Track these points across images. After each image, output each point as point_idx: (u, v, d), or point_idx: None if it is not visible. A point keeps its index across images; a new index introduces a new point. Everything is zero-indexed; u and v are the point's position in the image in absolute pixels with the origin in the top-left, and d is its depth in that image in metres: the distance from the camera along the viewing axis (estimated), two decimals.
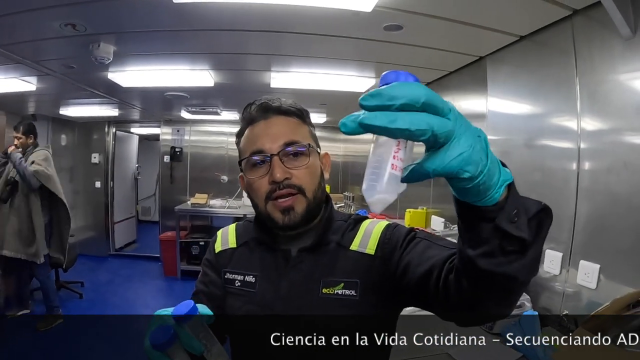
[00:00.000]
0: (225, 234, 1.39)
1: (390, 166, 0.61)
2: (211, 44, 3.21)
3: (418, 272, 1.04)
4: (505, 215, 0.70)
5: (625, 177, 2.14)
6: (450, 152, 0.60)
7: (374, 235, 1.22)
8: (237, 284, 1.27)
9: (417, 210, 4.14)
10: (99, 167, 8.00)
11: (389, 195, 0.61)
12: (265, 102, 1.24)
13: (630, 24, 2.04)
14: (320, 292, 1.18)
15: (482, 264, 0.74)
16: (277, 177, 1.16)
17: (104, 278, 6.86)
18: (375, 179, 0.61)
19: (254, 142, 1.21)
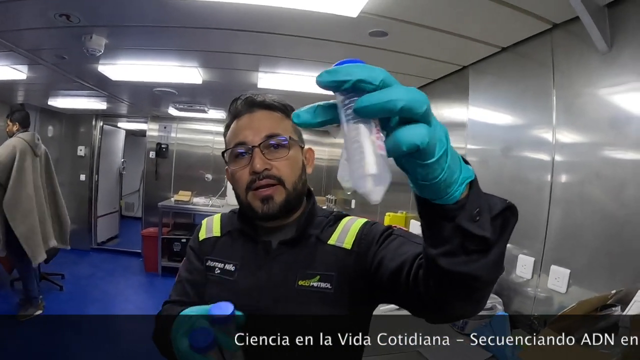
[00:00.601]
0: (210, 222, 1.44)
1: (377, 148, 0.57)
2: (201, 42, 3.24)
3: (390, 267, 1.07)
4: (466, 214, 0.68)
5: (597, 187, 2.20)
6: (437, 128, 0.59)
7: (352, 231, 1.26)
8: (217, 271, 1.32)
9: (397, 214, 4.19)
10: (85, 160, 7.98)
11: (385, 176, 0.56)
12: (250, 97, 1.30)
13: (606, 39, 2.12)
14: (297, 283, 1.22)
15: (443, 263, 0.73)
16: (256, 168, 1.21)
17: (85, 271, 6.85)
18: (365, 165, 0.56)
19: (238, 134, 1.28)
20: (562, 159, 2.43)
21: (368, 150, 0.56)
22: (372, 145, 0.56)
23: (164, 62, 3.80)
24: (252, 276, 1.26)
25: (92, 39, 3.18)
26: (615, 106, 2.15)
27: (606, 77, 2.18)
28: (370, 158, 0.56)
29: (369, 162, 0.56)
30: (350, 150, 0.57)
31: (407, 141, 0.56)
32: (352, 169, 0.57)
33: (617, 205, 2.13)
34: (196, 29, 2.95)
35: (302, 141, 1.35)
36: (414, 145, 0.56)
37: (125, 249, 8.21)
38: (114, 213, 8.93)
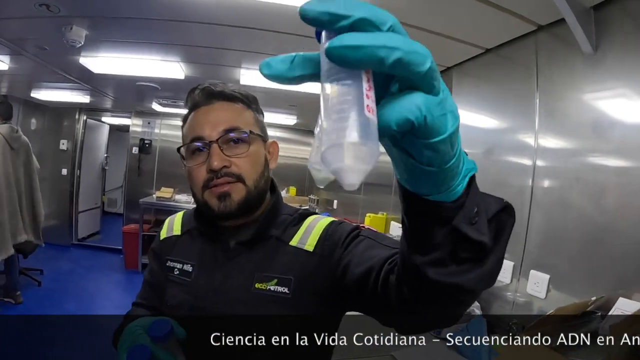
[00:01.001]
0: (172, 221, 1.37)
1: (365, 108, 0.42)
2: (183, 36, 3.20)
3: (356, 273, 0.98)
4: (465, 215, 0.56)
5: (578, 192, 2.19)
6: (448, 99, 0.46)
7: (315, 232, 1.17)
8: (176, 272, 1.25)
9: (377, 216, 4.16)
10: (67, 154, 7.85)
11: (372, 150, 0.42)
12: (208, 87, 1.20)
13: (591, 41, 2.11)
14: (253, 286, 1.14)
15: (431, 274, 0.60)
16: (214, 166, 1.11)
17: (65, 267, 6.75)
18: (345, 130, 0.42)
19: (194, 128, 1.17)
20: (544, 163, 2.43)
21: (353, 111, 0.42)
22: (357, 105, 0.42)
23: (146, 55, 3.76)
24: (209, 278, 1.19)
25: (72, 29, 3.15)
26: (598, 111, 2.14)
27: (590, 81, 2.18)
28: (354, 121, 0.42)
29: (351, 126, 0.42)
30: (328, 117, 0.43)
31: (395, 116, 0.43)
32: (326, 139, 0.42)
33: (598, 211, 2.12)
34: (179, 22, 2.92)
35: (266, 134, 1.26)
36: (405, 120, 0.43)
37: (106, 245, 8.09)
38: (96, 209, 8.83)
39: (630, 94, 2.03)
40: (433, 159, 0.48)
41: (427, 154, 0.47)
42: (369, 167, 0.42)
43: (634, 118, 2.01)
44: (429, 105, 0.44)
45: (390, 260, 0.87)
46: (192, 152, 1.17)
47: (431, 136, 0.45)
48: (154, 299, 1.31)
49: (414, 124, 0.43)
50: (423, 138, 0.46)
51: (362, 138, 0.42)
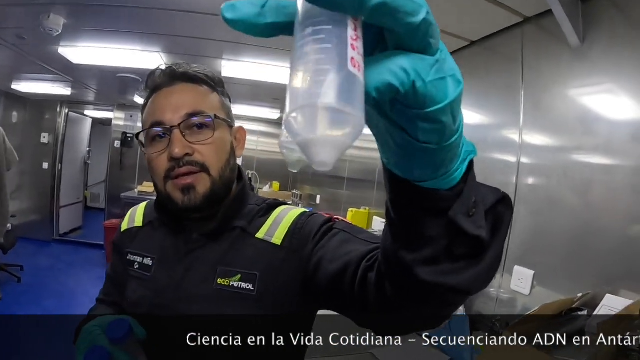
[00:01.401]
0: (134, 212, 1.28)
1: (348, 61, 0.34)
2: (163, 25, 3.14)
3: (330, 270, 0.90)
4: (462, 205, 0.49)
5: (563, 188, 2.17)
6: (447, 61, 0.39)
7: (284, 223, 1.08)
8: (136, 266, 1.16)
9: (360, 210, 4.11)
10: (48, 147, 7.71)
11: (352, 114, 0.33)
12: (170, 67, 1.10)
13: (579, 33, 2.07)
14: (215, 282, 1.06)
15: (422, 274, 0.54)
16: (175, 153, 1.02)
17: (45, 263, 6.64)
18: (316, 89, 0.33)
19: (154, 112, 1.07)
20: (529, 160, 2.40)
21: (332, 64, 0.33)
22: (339, 57, 0.34)
23: (126, 45, 3.70)
24: (169, 272, 1.10)
25: (49, 17, 3.09)
26: (584, 105, 2.13)
27: (576, 75, 2.16)
28: (334, 77, 0.33)
29: (329, 84, 0.33)
30: (298, 72, 0.34)
31: (375, 79, 0.36)
32: (294, 101, 0.34)
33: (583, 207, 2.10)
34: (159, 10, 2.86)
35: (232, 119, 1.15)
36: (386, 85, 0.36)
37: (88, 240, 7.98)
38: (78, 204, 8.70)
39: (616, 88, 2.01)
40: (431, 132, 0.41)
41: (424, 127, 0.40)
42: (348, 141, 0.34)
43: (620, 112, 1.99)
44: (419, 67, 0.37)
45: (369, 256, 0.80)
46: (152, 138, 1.07)
47: (425, 105, 0.38)
48: (116, 294, 1.23)
49: (399, 91, 0.36)
50: (416, 107, 0.39)
51: (343, 99, 0.33)
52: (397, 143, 0.42)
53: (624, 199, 1.95)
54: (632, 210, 1.90)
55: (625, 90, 1.97)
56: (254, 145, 7.91)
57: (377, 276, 0.72)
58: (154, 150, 1.06)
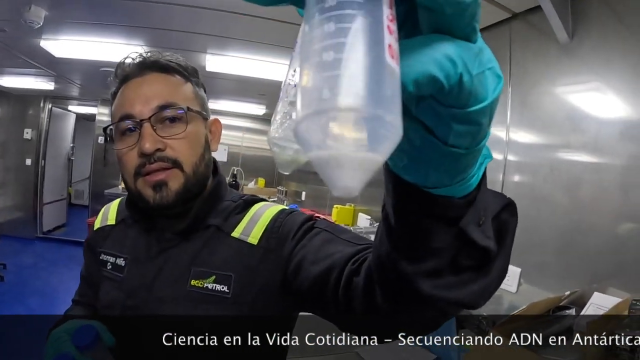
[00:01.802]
0: (107, 209, 1.21)
1: (386, 50, 0.26)
2: (146, 17, 3.08)
3: (312, 272, 0.85)
4: (474, 214, 0.45)
5: (551, 185, 2.17)
6: (485, 50, 0.34)
7: (261, 222, 1.01)
8: (109, 266, 1.10)
9: (345, 207, 4.10)
10: (31, 143, 7.59)
11: (391, 122, 0.26)
12: (140, 56, 1.04)
13: (568, 29, 2.07)
14: (189, 284, 0.99)
15: (426, 287, 0.49)
16: (146, 149, 0.95)
17: (29, 261, 6.54)
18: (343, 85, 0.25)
19: (123, 104, 1.00)
20: (515, 158, 2.41)
21: (366, 52, 0.26)
22: (374, 42, 0.26)
23: (109, 39, 3.64)
24: (141, 272, 1.04)
25: (30, 9, 3.03)
26: (572, 103, 2.13)
27: (565, 72, 2.16)
28: (369, 69, 0.26)
29: (361, 82, 0.25)
30: (315, 60, 0.26)
31: (415, 70, 0.30)
32: (309, 99, 0.26)
33: (571, 205, 2.10)
34: (142, 2, 2.82)
35: (207, 111, 1.09)
36: (430, 79, 0.30)
37: (72, 238, 7.86)
38: (62, 200, 8.58)
39: (605, 85, 2.00)
40: (464, 135, 0.35)
41: (458, 130, 0.34)
42: (381, 158, 0.26)
43: (609, 110, 1.98)
44: (466, 57, 0.31)
45: (354, 259, 0.76)
46: (121, 132, 1.00)
47: (467, 103, 0.33)
48: (90, 295, 1.17)
49: (443, 86, 0.30)
50: (455, 106, 0.33)
51: (379, 102, 0.25)
52: (415, 145, 0.36)
53: (612, 196, 1.94)
54: (620, 208, 1.91)
55: (614, 88, 1.96)
56: (239, 142, 7.86)
57: (365, 282, 0.67)
58: (124, 145, 0.99)
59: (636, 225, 1.86)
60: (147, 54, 1.04)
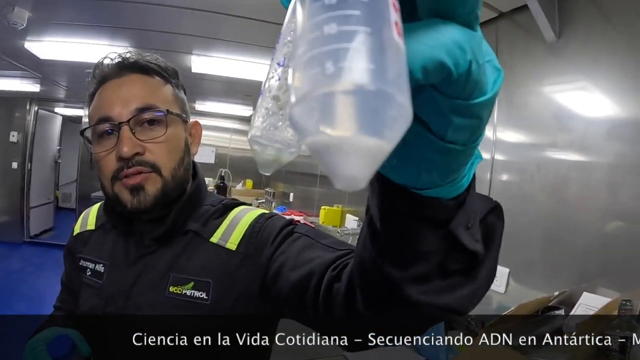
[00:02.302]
0: (87, 214, 1.19)
1: (392, 26, 0.24)
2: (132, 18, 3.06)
3: (292, 278, 0.84)
4: (464, 217, 0.43)
5: (537, 185, 2.17)
6: (483, 41, 0.32)
7: (240, 227, 1.00)
8: (88, 273, 1.08)
9: (332, 208, 4.09)
10: (17, 146, 7.48)
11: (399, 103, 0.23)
12: (119, 57, 1.01)
13: (554, 28, 2.07)
14: (167, 290, 0.98)
15: (413, 293, 0.47)
16: (124, 153, 0.93)
17: (16, 266, 6.50)
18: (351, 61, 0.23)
19: (101, 106, 0.98)
20: (503, 157, 2.41)
21: (372, 30, 0.24)
22: (379, 19, 0.24)
23: (94, 40, 3.60)
24: (120, 279, 1.02)
25: (14, 11, 2.99)
26: (559, 102, 2.14)
27: (551, 71, 2.17)
28: (374, 48, 0.23)
29: (368, 56, 0.23)
30: (313, 35, 0.24)
31: (423, 55, 0.28)
32: (306, 80, 0.24)
33: (558, 204, 2.10)
34: (127, 3, 2.79)
35: (187, 113, 1.07)
36: (438, 65, 0.28)
37: (60, 242, 7.75)
38: (49, 204, 8.48)
39: (592, 84, 2.00)
40: (463, 130, 0.33)
41: (457, 123, 0.33)
42: (391, 143, 0.24)
43: (596, 109, 1.99)
44: (474, 44, 0.30)
45: (334, 265, 0.74)
46: (99, 135, 0.98)
47: (472, 95, 0.31)
48: (71, 301, 1.15)
49: (450, 74, 0.29)
50: (459, 97, 0.31)
51: (389, 80, 0.23)
52: (406, 141, 0.30)
53: (599, 195, 1.94)
54: (607, 207, 1.91)
55: (600, 87, 1.97)
56: (226, 143, 7.84)
57: (347, 288, 0.65)
58: (101, 148, 0.97)
59: (623, 223, 1.86)
60: (127, 54, 1.01)
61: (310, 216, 4.72)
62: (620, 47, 1.88)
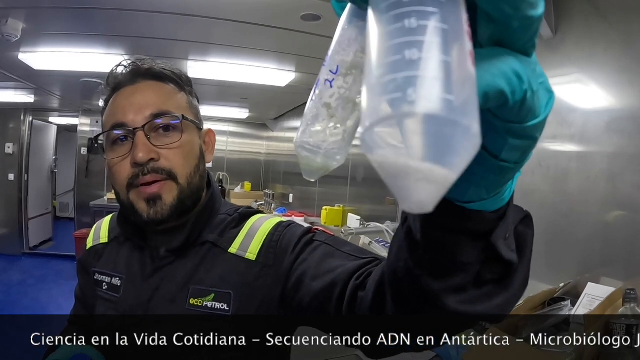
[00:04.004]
0: (99, 226, 1.18)
1: (468, 56, 0.25)
2: (127, 26, 3.05)
3: (314, 287, 0.83)
4: (503, 229, 0.44)
5: (539, 178, 2.18)
6: (538, 64, 0.33)
7: (258, 236, 0.98)
8: (104, 287, 1.05)
9: (334, 208, 4.07)
10: (13, 158, 7.43)
11: (475, 127, 0.24)
12: (133, 64, 1.00)
13: (551, 24, 2.08)
14: (188, 302, 0.96)
15: (452, 304, 0.48)
16: (139, 158, 0.91)
17: (16, 278, 6.43)
18: (433, 89, 0.23)
19: (116, 112, 0.97)
20: None
21: (452, 60, 0.24)
22: (457, 49, 0.25)
23: (89, 49, 3.59)
24: (137, 292, 1.01)
25: (7, 23, 2.98)
26: (557, 97, 2.09)
27: (548, 66, 2.16)
28: (454, 78, 0.24)
29: (449, 86, 0.24)
30: (401, 63, 0.24)
31: (485, 83, 0.29)
32: (393, 103, 0.24)
33: (560, 196, 2.11)
34: (121, 11, 2.77)
35: (201, 121, 1.06)
36: (497, 93, 0.30)
37: (60, 252, 7.74)
38: (47, 214, 8.43)
39: (588, 79, 2.02)
40: (517, 150, 0.35)
41: (513, 144, 0.34)
42: (459, 171, 0.25)
43: (593, 103, 2.01)
44: (529, 72, 0.31)
45: (358, 273, 0.75)
46: (112, 142, 0.97)
47: (526, 118, 0.33)
48: (86, 316, 1.14)
49: (507, 101, 0.30)
50: (513, 120, 0.33)
51: (466, 109, 0.24)
52: None
53: (599, 187, 1.96)
54: (608, 198, 1.92)
55: (597, 81, 1.99)
56: (223, 146, 7.83)
57: (375, 297, 0.65)
58: (115, 155, 0.96)
59: (624, 213, 1.88)
60: (141, 61, 1.01)
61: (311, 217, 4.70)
62: (616, 43, 1.90)
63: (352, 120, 0.35)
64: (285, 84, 4.26)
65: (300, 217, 4.62)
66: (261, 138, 7.86)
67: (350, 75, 0.33)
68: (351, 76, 0.33)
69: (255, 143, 7.90)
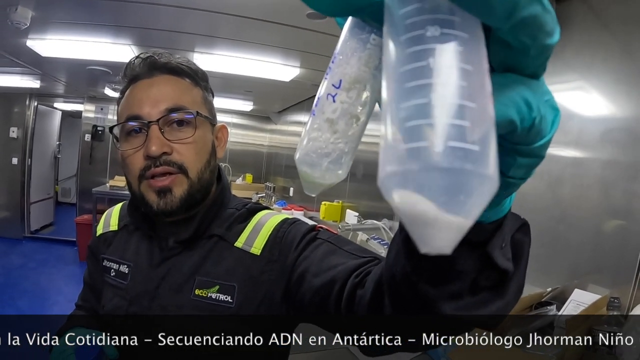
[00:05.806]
0: (109, 214, 1.21)
1: (489, 101, 0.26)
2: (134, 17, 3.06)
3: (315, 284, 0.84)
4: (500, 238, 0.45)
5: (533, 183, 2.17)
6: (544, 83, 0.34)
7: (263, 232, 1.01)
8: (112, 273, 1.09)
9: (333, 204, 4.10)
10: (17, 142, 7.45)
11: (495, 177, 0.25)
12: (151, 57, 1.01)
13: None
14: (193, 292, 0.99)
15: (447, 309, 0.49)
16: (152, 151, 0.93)
17: (17, 262, 6.45)
18: (460, 141, 0.24)
19: (131, 105, 0.98)
20: None
21: (477, 107, 0.24)
22: (480, 93, 0.25)
23: (96, 38, 3.60)
24: (144, 280, 1.03)
25: (17, 10, 2.99)
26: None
27: (548, 74, 2.13)
28: (480, 129, 0.24)
29: (476, 138, 0.24)
30: (424, 108, 0.24)
31: (497, 110, 0.29)
32: (418, 154, 0.24)
33: (553, 202, 2.13)
34: (129, 2, 2.79)
35: (214, 117, 1.08)
36: (507, 122, 0.31)
37: (60, 237, 7.76)
38: (49, 199, 8.45)
39: (587, 86, 2.04)
40: (524, 167, 0.36)
41: (521, 162, 0.35)
42: (475, 217, 0.25)
43: (590, 111, 2.02)
44: (538, 99, 0.32)
45: (357, 272, 0.76)
46: (127, 133, 0.99)
47: (533, 140, 0.34)
48: (93, 301, 1.18)
49: (516, 128, 0.31)
50: (521, 143, 0.34)
51: (489, 163, 0.24)
52: None
53: (593, 194, 1.98)
54: (601, 206, 1.94)
55: (595, 90, 2.00)
56: None
57: (373, 296, 0.66)
58: (129, 146, 0.98)
59: (615, 221, 1.90)
60: (158, 55, 1.02)
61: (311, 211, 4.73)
62: (615, 53, 1.92)
63: (354, 135, 0.35)
64: (289, 79, 4.28)
65: (299, 211, 4.64)
66: (264, 130, 7.86)
67: (354, 89, 0.32)
68: (354, 90, 0.32)
69: (258, 135, 7.91)
